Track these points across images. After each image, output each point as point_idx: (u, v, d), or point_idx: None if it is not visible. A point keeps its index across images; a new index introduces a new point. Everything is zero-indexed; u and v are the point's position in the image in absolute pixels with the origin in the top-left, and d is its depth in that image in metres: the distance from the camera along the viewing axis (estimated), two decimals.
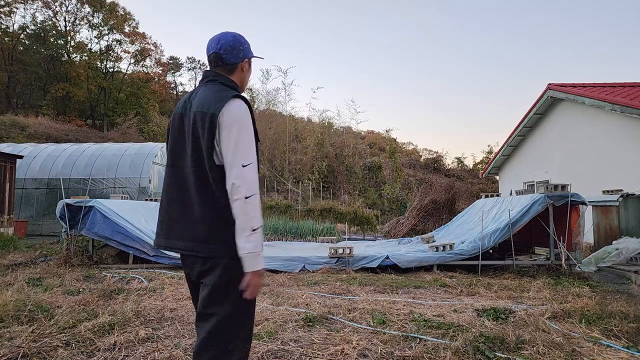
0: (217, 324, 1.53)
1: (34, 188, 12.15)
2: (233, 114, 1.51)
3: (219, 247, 1.53)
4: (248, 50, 1.72)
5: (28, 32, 29.26)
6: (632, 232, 7.25)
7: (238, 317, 1.55)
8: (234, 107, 1.52)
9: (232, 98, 1.54)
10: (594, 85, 11.23)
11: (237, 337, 1.55)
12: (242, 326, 1.57)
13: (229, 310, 1.53)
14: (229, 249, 1.53)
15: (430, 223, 11.91)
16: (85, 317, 3.36)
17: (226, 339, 1.53)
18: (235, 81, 1.69)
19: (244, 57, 1.69)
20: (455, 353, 2.65)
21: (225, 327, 1.53)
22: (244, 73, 1.73)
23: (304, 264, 6.17)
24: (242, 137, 1.50)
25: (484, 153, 31.77)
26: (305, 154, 23.24)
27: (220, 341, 1.52)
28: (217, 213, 1.53)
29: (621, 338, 3.02)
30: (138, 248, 6.32)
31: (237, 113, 1.52)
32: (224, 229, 1.53)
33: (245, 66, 1.72)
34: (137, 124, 28.41)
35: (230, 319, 1.53)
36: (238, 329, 1.55)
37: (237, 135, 1.50)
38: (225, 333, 1.53)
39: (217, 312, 1.53)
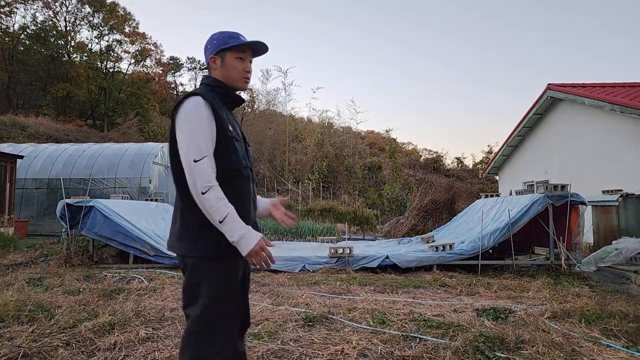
0: (191, 324, 1.52)
1: (35, 188, 12.15)
2: (184, 111, 1.53)
3: (185, 246, 1.55)
4: (215, 46, 1.66)
5: (28, 32, 29.27)
6: (632, 232, 7.25)
7: (210, 319, 1.50)
8: (186, 104, 1.54)
9: (188, 97, 1.56)
10: (593, 85, 11.24)
11: (210, 339, 1.49)
12: (215, 328, 1.50)
13: (200, 311, 1.50)
14: (194, 248, 1.53)
15: (430, 223, 11.90)
16: (85, 317, 3.36)
17: (201, 342, 1.49)
18: (218, 78, 1.68)
19: (210, 54, 1.68)
20: (455, 353, 2.65)
21: (199, 330, 1.50)
22: (218, 70, 1.67)
23: (304, 264, 6.17)
24: (192, 133, 1.49)
25: (483, 153, 31.80)
26: (305, 154, 23.25)
27: (195, 344, 1.49)
28: (182, 212, 1.57)
29: (621, 338, 3.02)
30: (138, 248, 6.32)
31: (188, 110, 1.52)
32: (189, 228, 1.55)
33: (216, 62, 1.66)
34: (138, 124, 28.42)
35: (202, 320, 1.50)
36: (211, 330, 1.50)
37: (186, 132, 1.50)
38: (199, 335, 1.49)
39: (191, 313, 1.53)
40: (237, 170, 1.59)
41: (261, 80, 39.61)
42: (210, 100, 1.56)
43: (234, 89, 1.70)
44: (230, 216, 1.44)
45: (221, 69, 1.67)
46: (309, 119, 29.44)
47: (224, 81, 1.68)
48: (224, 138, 1.56)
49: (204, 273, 1.52)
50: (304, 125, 27.13)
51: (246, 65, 1.68)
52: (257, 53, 1.75)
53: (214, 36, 1.69)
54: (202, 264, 1.53)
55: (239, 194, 1.59)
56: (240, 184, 1.61)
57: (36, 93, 31.35)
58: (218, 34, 1.70)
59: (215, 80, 1.68)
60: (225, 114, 1.62)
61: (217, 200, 1.44)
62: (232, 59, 1.66)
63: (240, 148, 1.64)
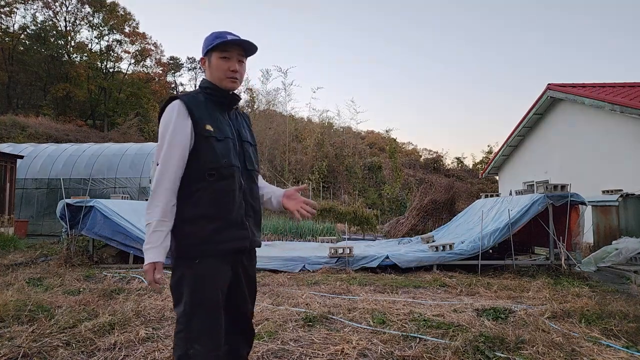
0: (177, 325, 1.56)
1: (35, 188, 12.15)
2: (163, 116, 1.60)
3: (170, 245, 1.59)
4: (203, 48, 1.69)
5: (28, 32, 29.28)
6: (632, 232, 7.25)
7: (191, 319, 1.52)
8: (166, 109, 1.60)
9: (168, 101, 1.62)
10: (593, 85, 11.24)
11: (193, 341, 1.50)
12: (198, 329, 1.51)
13: (181, 311, 1.54)
14: (172, 247, 1.58)
15: (430, 223, 11.90)
16: (85, 316, 3.36)
17: (184, 341, 1.51)
18: (208, 79, 1.70)
19: (201, 57, 1.72)
20: (455, 353, 2.65)
21: (183, 328, 1.53)
22: (207, 70, 1.70)
23: (304, 264, 6.17)
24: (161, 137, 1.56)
25: (483, 153, 31.81)
26: (305, 154, 23.24)
27: (181, 344, 1.52)
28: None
29: (621, 338, 3.02)
30: (138, 248, 6.32)
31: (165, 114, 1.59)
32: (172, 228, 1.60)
33: (205, 64, 1.71)
34: (138, 124, 28.44)
35: (184, 320, 1.52)
36: (192, 333, 1.51)
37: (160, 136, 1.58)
38: (183, 334, 1.52)
39: (176, 312, 1.56)
40: (214, 170, 1.56)
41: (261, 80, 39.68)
42: (187, 102, 1.57)
43: (222, 88, 1.68)
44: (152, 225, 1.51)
45: (209, 69, 1.68)
46: (309, 119, 29.45)
47: (213, 82, 1.68)
48: (200, 138, 1.56)
49: (182, 272, 1.56)
50: (304, 125, 27.12)
51: (231, 64, 1.65)
52: (248, 52, 1.73)
53: (205, 38, 1.71)
54: (180, 263, 1.57)
55: (214, 194, 1.57)
56: (218, 184, 1.57)
57: (36, 93, 31.36)
58: (208, 35, 1.70)
59: (204, 82, 1.70)
60: (208, 114, 1.60)
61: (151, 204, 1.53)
62: (217, 59, 1.65)
63: (221, 147, 1.59)
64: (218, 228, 1.57)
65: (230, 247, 1.60)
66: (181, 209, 1.55)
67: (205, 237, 1.55)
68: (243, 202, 1.66)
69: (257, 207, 1.75)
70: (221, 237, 1.57)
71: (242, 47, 1.68)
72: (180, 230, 1.55)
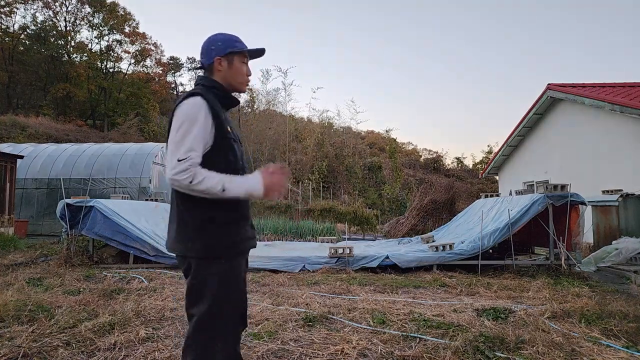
0: (195, 325, 1.54)
1: (35, 188, 12.15)
2: (181, 110, 1.53)
3: (187, 246, 1.56)
4: (221, 48, 1.67)
5: (28, 32, 29.27)
6: (632, 232, 7.25)
7: (215, 318, 1.53)
8: (184, 105, 1.54)
9: (187, 97, 1.56)
10: (593, 85, 11.24)
11: (215, 339, 1.52)
12: (219, 327, 1.54)
13: (204, 310, 1.52)
14: (193, 249, 1.54)
15: (430, 223, 11.90)
16: (85, 317, 3.36)
17: (205, 340, 1.52)
18: (218, 80, 1.68)
19: (215, 56, 1.68)
20: (455, 353, 2.65)
21: (203, 328, 1.52)
22: (223, 71, 1.68)
23: (304, 264, 6.17)
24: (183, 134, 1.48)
25: (483, 153, 31.83)
26: (305, 154, 23.24)
27: (200, 343, 1.52)
28: (183, 211, 1.57)
29: (621, 338, 3.02)
30: (138, 248, 6.32)
31: (186, 110, 1.52)
32: (187, 228, 1.55)
33: (221, 64, 1.68)
34: (138, 124, 28.43)
35: (207, 319, 1.52)
36: (215, 330, 1.53)
37: (178, 132, 1.49)
38: (203, 334, 1.52)
39: (195, 312, 1.55)
40: (234, 171, 1.59)
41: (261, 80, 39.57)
42: (211, 101, 1.56)
43: (234, 90, 1.72)
44: (226, 182, 1.46)
45: (227, 71, 1.69)
46: (309, 119, 29.46)
47: (224, 83, 1.69)
48: (223, 139, 1.57)
49: (207, 273, 1.54)
50: (304, 125, 27.13)
51: (248, 69, 1.75)
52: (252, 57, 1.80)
53: (217, 38, 1.70)
54: (205, 263, 1.54)
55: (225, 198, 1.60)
56: None
57: (36, 93, 31.35)
58: (220, 35, 1.71)
59: (211, 81, 1.68)
60: (224, 115, 1.63)
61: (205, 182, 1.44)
62: (239, 63, 1.70)
63: (237, 149, 1.67)
64: (240, 227, 1.62)
65: (248, 246, 1.67)
66: (207, 208, 1.54)
67: (231, 236, 1.58)
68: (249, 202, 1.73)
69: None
70: (243, 237, 1.62)
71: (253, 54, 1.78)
72: (206, 229, 1.54)
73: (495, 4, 66.55)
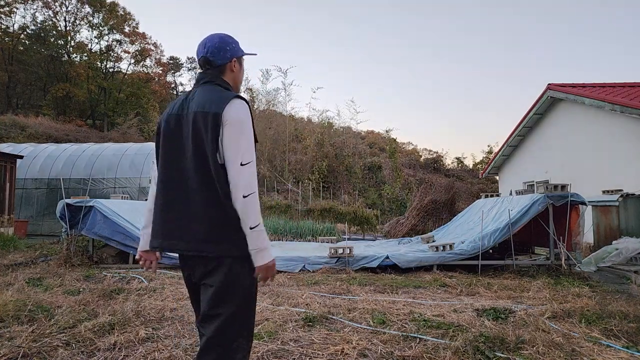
0: (222, 323, 1.53)
1: (34, 188, 12.15)
2: (236, 113, 1.53)
3: (223, 247, 1.53)
4: (236, 50, 1.71)
5: (28, 32, 29.26)
6: (632, 232, 7.25)
7: (242, 316, 1.57)
8: (236, 106, 1.54)
9: (234, 98, 1.56)
10: (593, 85, 11.24)
11: (242, 336, 1.57)
12: (246, 324, 1.59)
13: (234, 309, 1.54)
14: (233, 248, 1.53)
15: (430, 223, 11.90)
16: (85, 317, 3.36)
17: (231, 337, 1.55)
18: (228, 81, 1.70)
19: (231, 57, 1.68)
20: (455, 353, 2.65)
21: (231, 326, 1.54)
22: (235, 73, 1.73)
23: (304, 264, 6.17)
24: (243, 137, 1.52)
25: (483, 153, 31.81)
26: (305, 154, 23.24)
27: (226, 340, 1.54)
28: (220, 212, 1.53)
29: (621, 338, 3.02)
30: (138, 248, 6.31)
31: (240, 113, 1.54)
32: (227, 228, 1.53)
33: (235, 66, 1.72)
34: (138, 124, 28.44)
35: (235, 317, 1.55)
36: (242, 327, 1.58)
37: (238, 135, 1.51)
38: (230, 332, 1.55)
39: (223, 312, 1.54)
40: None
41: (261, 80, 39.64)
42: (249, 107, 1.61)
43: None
44: (261, 225, 1.53)
45: (238, 73, 1.75)
46: (309, 119, 29.48)
47: (232, 83, 1.73)
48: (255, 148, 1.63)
49: (240, 272, 1.55)
50: (304, 125, 27.14)
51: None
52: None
53: (229, 39, 1.71)
54: (240, 264, 1.54)
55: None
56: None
57: (36, 93, 31.35)
58: (227, 37, 1.72)
59: (226, 82, 1.70)
60: None
61: (254, 207, 1.51)
62: (242, 66, 1.79)
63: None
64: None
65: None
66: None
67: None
68: None
69: None
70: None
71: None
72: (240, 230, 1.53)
73: (495, 4, 66.62)
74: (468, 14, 65.21)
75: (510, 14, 65.85)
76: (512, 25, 65.02)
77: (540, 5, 65.87)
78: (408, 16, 66.88)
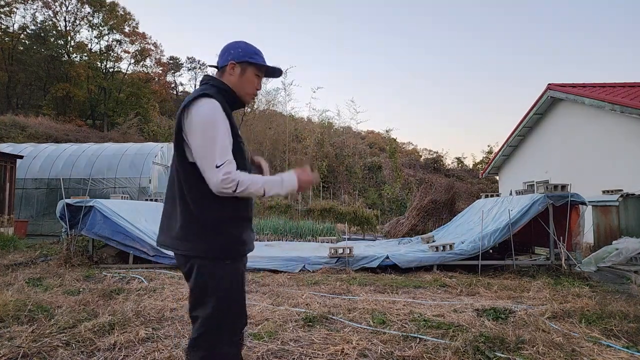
0: (201, 325, 1.53)
1: (34, 188, 12.15)
2: (200, 113, 1.50)
3: (192, 245, 1.54)
4: (239, 55, 1.67)
5: (28, 32, 29.28)
6: (632, 232, 7.25)
7: (220, 317, 1.53)
8: (198, 106, 1.51)
9: (199, 96, 1.53)
10: (593, 85, 11.24)
11: (222, 341, 1.53)
12: (226, 326, 1.54)
13: (210, 311, 1.52)
14: (201, 247, 1.53)
15: (430, 223, 11.89)
16: (85, 317, 3.36)
17: (211, 341, 1.52)
18: (227, 84, 1.67)
19: (230, 60, 1.66)
20: (455, 353, 2.65)
21: (210, 329, 1.52)
22: (234, 77, 1.67)
23: (304, 264, 6.17)
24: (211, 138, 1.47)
25: (483, 153, 31.83)
26: (305, 154, 23.23)
27: (206, 342, 1.52)
28: (189, 210, 1.54)
29: (621, 338, 3.02)
30: (138, 248, 6.32)
31: (205, 112, 1.50)
32: (193, 227, 1.54)
33: (233, 69, 1.66)
34: (138, 124, 28.44)
35: (212, 319, 1.52)
36: (222, 329, 1.53)
37: (205, 137, 1.47)
38: (209, 334, 1.52)
39: (200, 314, 1.54)
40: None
41: None
42: (223, 105, 1.56)
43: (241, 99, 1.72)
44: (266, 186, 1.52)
45: (238, 78, 1.68)
46: (309, 118, 29.46)
47: (232, 88, 1.68)
48: (235, 141, 1.58)
49: (213, 273, 1.54)
50: (304, 125, 27.12)
51: (260, 83, 1.75)
52: (268, 75, 1.81)
53: (240, 44, 1.71)
54: (211, 264, 1.54)
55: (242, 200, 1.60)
56: None
57: (36, 93, 31.36)
58: (244, 43, 1.72)
59: (222, 83, 1.67)
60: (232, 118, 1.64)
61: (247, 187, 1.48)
62: (252, 75, 1.70)
63: (246, 151, 1.69)
64: (245, 229, 1.63)
65: (251, 248, 1.68)
66: (214, 209, 1.53)
67: (237, 238, 1.59)
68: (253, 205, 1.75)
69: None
70: (247, 238, 1.64)
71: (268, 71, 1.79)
72: (212, 230, 1.53)
73: (496, 4, 66.60)
74: (468, 14, 65.21)
75: (510, 14, 65.85)
76: (513, 25, 65.04)
77: (541, 5, 65.86)
78: (408, 16, 66.88)
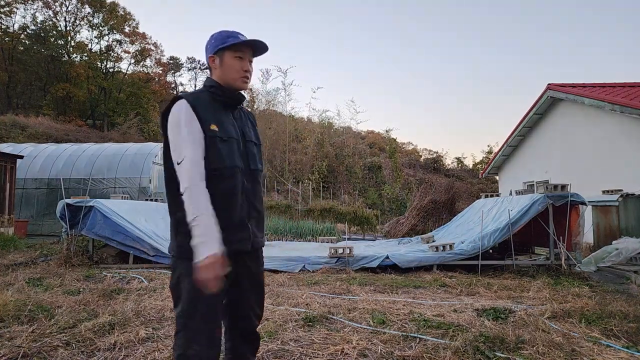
0: (176, 325, 1.55)
1: (34, 188, 12.15)
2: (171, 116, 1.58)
3: (170, 244, 1.61)
4: (213, 46, 1.66)
5: (28, 32, 29.26)
6: (632, 232, 7.24)
7: (187, 318, 1.51)
8: (172, 110, 1.58)
9: (174, 101, 1.60)
10: (593, 85, 11.23)
11: (194, 340, 1.50)
12: (197, 328, 1.51)
13: (179, 310, 1.54)
14: (172, 246, 1.60)
15: (430, 223, 11.89)
16: (85, 317, 3.36)
17: (183, 341, 1.51)
18: (216, 79, 1.68)
19: (208, 55, 1.69)
20: (455, 353, 2.65)
21: (181, 329, 1.52)
22: (217, 69, 1.67)
23: (304, 264, 6.17)
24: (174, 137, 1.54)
25: (483, 153, 31.83)
26: (305, 154, 23.24)
27: (180, 344, 1.52)
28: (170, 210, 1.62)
29: (621, 338, 3.02)
30: (138, 248, 6.32)
31: (173, 115, 1.56)
32: (172, 226, 1.61)
33: (215, 62, 1.66)
34: (138, 124, 28.45)
35: (181, 320, 1.52)
36: (193, 331, 1.51)
37: (171, 137, 1.55)
38: (181, 335, 1.52)
39: (175, 314, 1.57)
40: (217, 170, 1.56)
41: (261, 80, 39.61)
42: (193, 102, 1.56)
43: (232, 88, 1.68)
44: (199, 219, 1.42)
45: (220, 68, 1.66)
46: (309, 118, 29.49)
47: (222, 81, 1.67)
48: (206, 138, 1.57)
49: (182, 272, 1.55)
50: (303, 125, 27.14)
51: (245, 64, 1.67)
52: (257, 52, 1.74)
53: (213, 36, 1.69)
54: (180, 263, 1.56)
55: (216, 195, 1.53)
56: (221, 185, 1.56)
57: (36, 93, 31.34)
58: (217, 33, 1.69)
59: (210, 81, 1.68)
60: (212, 114, 1.60)
61: (190, 201, 1.45)
62: (231, 58, 1.65)
63: (226, 148, 1.59)
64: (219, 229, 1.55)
65: (230, 248, 1.55)
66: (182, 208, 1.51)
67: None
68: (245, 203, 1.65)
69: (259, 207, 1.75)
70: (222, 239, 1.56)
71: (254, 47, 1.70)
72: (180, 230, 1.53)
73: (496, 4, 66.60)
74: (468, 14, 65.20)
75: (510, 14, 65.84)
76: (513, 25, 65.03)
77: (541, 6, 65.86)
78: (408, 16, 66.87)
